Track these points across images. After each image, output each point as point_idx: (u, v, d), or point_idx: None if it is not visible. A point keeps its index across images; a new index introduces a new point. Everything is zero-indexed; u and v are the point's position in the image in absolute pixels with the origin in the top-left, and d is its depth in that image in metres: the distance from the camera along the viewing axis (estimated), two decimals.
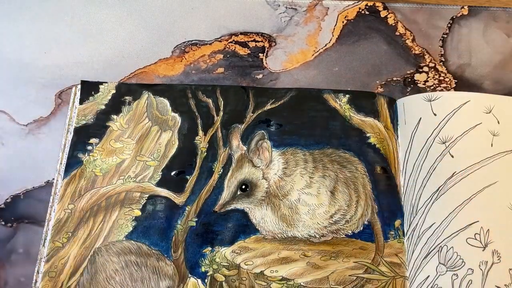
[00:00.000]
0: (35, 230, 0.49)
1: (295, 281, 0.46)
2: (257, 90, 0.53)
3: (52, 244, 0.47)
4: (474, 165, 0.47)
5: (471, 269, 0.44)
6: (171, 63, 0.56)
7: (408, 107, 0.51)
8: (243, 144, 0.51)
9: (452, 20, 0.58)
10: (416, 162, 0.49)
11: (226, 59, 0.56)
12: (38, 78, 0.55)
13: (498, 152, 0.47)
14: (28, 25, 0.58)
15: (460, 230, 0.45)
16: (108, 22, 0.58)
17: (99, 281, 0.46)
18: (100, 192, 0.49)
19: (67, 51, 0.57)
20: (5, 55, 0.56)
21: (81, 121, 0.52)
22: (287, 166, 0.50)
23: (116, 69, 0.56)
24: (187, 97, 0.53)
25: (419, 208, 0.47)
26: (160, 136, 0.51)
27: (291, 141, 0.51)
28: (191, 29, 0.58)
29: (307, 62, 0.56)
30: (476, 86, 0.54)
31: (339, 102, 0.52)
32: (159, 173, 0.50)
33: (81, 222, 0.48)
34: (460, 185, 0.47)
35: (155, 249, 0.47)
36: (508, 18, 0.57)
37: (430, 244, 0.46)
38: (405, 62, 0.56)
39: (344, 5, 0.59)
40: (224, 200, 0.49)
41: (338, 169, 0.49)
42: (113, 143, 0.51)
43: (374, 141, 0.51)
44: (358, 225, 0.48)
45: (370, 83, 0.55)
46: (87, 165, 0.50)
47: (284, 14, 0.58)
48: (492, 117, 0.49)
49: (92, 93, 0.53)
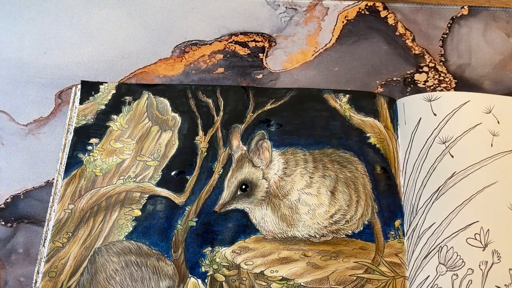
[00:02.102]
0: (35, 230, 0.49)
1: (295, 281, 0.46)
2: (257, 90, 0.53)
3: (52, 244, 0.47)
4: (474, 165, 0.47)
5: (471, 269, 0.44)
6: (171, 63, 0.56)
7: (408, 107, 0.51)
8: (243, 144, 0.51)
9: (452, 20, 0.58)
10: (416, 162, 0.49)
11: (226, 59, 0.56)
12: (38, 78, 0.55)
13: (498, 152, 0.47)
14: (28, 25, 0.58)
15: (460, 230, 0.45)
16: (108, 22, 0.58)
17: (99, 281, 0.46)
18: (100, 192, 0.49)
19: (67, 51, 0.57)
20: (5, 55, 0.56)
21: (81, 121, 0.52)
22: (287, 166, 0.50)
23: (116, 69, 0.56)
24: (187, 97, 0.53)
25: (419, 208, 0.47)
26: (160, 136, 0.51)
27: (291, 141, 0.51)
28: (191, 29, 0.58)
29: (307, 62, 0.56)
30: (476, 86, 0.54)
31: (339, 102, 0.52)
32: (159, 173, 0.50)
33: (81, 222, 0.48)
34: (460, 185, 0.47)
35: (155, 249, 0.47)
36: (508, 18, 0.57)
37: (430, 244, 0.46)
38: (405, 62, 0.56)
39: (344, 5, 0.59)
40: (224, 200, 0.49)
41: (338, 169, 0.49)
42: (113, 143, 0.51)
43: (374, 141, 0.51)
44: (358, 225, 0.48)
45: (370, 83, 0.55)
46: (87, 165, 0.50)
47: (284, 14, 0.58)
48: (492, 117, 0.49)
49: (92, 93, 0.53)
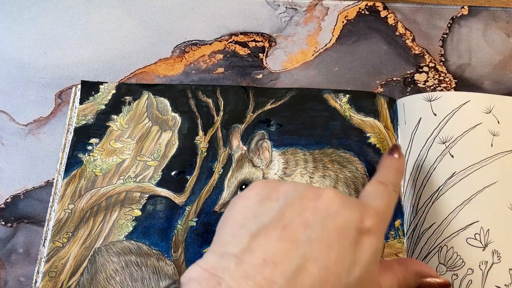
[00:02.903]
0: (35, 230, 0.49)
1: None
2: (257, 90, 0.53)
3: (52, 244, 0.47)
4: (474, 165, 0.47)
5: (471, 269, 0.44)
6: (171, 63, 0.56)
7: (408, 107, 0.51)
8: (243, 144, 0.51)
9: (452, 20, 0.58)
10: (416, 162, 0.49)
11: (226, 59, 0.56)
12: (38, 78, 0.55)
13: (498, 152, 0.47)
14: (28, 25, 0.58)
15: (460, 230, 0.45)
16: (108, 22, 0.58)
17: (99, 281, 0.46)
18: (100, 192, 0.49)
19: (67, 51, 0.57)
20: (5, 55, 0.57)
21: (81, 121, 0.52)
22: (287, 166, 0.50)
23: (116, 69, 0.56)
24: (187, 97, 0.53)
25: (419, 208, 0.47)
26: (160, 136, 0.51)
27: (291, 141, 0.51)
28: (191, 29, 0.58)
29: (307, 62, 0.56)
30: (476, 86, 0.54)
31: (339, 102, 0.52)
32: (159, 173, 0.50)
33: (81, 222, 0.48)
34: (460, 185, 0.47)
35: (155, 249, 0.47)
36: (508, 18, 0.57)
37: (430, 244, 0.46)
38: (405, 62, 0.56)
39: (344, 5, 0.59)
40: (224, 200, 0.49)
41: (338, 169, 0.49)
42: (113, 143, 0.51)
43: (374, 141, 0.51)
44: None
45: (370, 83, 0.55)
46: (87, 165, 0.50)
47: (284, 14, 0.58)
48: (492, 117, 0.49)
49: (92, 93, 0.53)
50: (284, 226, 0.33)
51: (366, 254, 0.34)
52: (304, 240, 0.32)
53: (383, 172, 0.42)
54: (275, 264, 0.31)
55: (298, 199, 0.35)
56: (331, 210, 0.34)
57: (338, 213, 0.34)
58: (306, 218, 0.33)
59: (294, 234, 0.33)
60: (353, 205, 0.36)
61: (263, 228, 0.33)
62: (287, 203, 0.35)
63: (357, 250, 0.34)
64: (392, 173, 0.42)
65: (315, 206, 0.34)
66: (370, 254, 0.34)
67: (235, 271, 0.31)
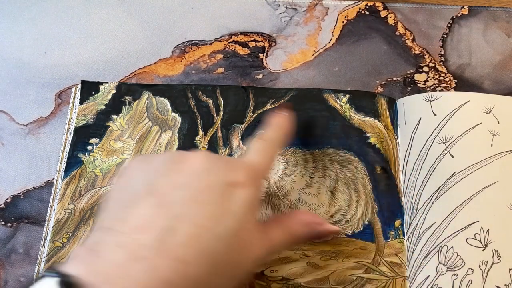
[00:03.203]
0: (35, 230, 0.49)
1: (295, 281, 0.46)
2: (257, 90, 0.53)
3: (52, 244, 0.47)
4: (474, 165, 0.47)
5: (471, 269, 0.44)
6: (171, 63, 0.56)
7: (408, 107, 0.51)
8: (243, 144, 0.51)
9: (452, 20, 0.58)
10: (416, 162, 0.49)
11: (226, 59, 0.56)
12: (38, 78, 0.55)
13: (498, 152, 0.47)
14: (28, 25, 0.58)
15: (460, 230, 0.45)
16: (108, 22, 0.58)
17: None
18: (100, 192, 0.49)
19: (67, 51, 0.57)
20: (5, 55, 0.57)
21: (81, 121, 0.52)
22: (287, 166, 0.50)
23: (116, 69, 0.56)
24: (187, 97, 0.53)
25: (419, 208, 0.47)
26: (160, 136, 0.51)
27: (291, 141, 0.51)
28: (191, 29, 0.58)
29: (307, 62, 0.56)
30: (476, 86, 0.54)
31: (339, 102, 0.52)
32: None
33: (81, 222, 0.48)
34: (460, 185, 0.47)
35: None
36: (508, 18, 0.57)
37: (430, 244, 0.46)
38: (405, 62, 0.56)
39: (344, 5, 0.59)
40: None
41: (338, 169, 0.49)
42: (113, 143, 0.51)
43: (374, 141, 0.51)
44: (358, 225, 0.48)
45: (370, 83, 0.55)
46: (87, 165, 0.50)
47: (284, 14, 0.58)
48: (492, 117, 0.49)
49: (92, 93, 0.53)
50: (154, 192, 0.34)
51: (238, 205, 0.35)
52: (173, 201, 0.34)
53: (267, 129, 0.44)
54: (144, 229, 0.32)
55: (168, 165, 0.36)
56: (199, 170, 0.36)
57: (207, 170, 0.36)
58: (174, 180, 0.35)
59: (163, 197, 0.34)
60: (223, 162, 0.37)
61: (134, 197, 0.35)
62: (157, 170, 0.36)
63: (228, 202, 0.35)
64: (274, 129, 0.43)
65: (182, 168, 0.36)
66: (243, 205, 0.36)
67: (110, 242, 0.32)
